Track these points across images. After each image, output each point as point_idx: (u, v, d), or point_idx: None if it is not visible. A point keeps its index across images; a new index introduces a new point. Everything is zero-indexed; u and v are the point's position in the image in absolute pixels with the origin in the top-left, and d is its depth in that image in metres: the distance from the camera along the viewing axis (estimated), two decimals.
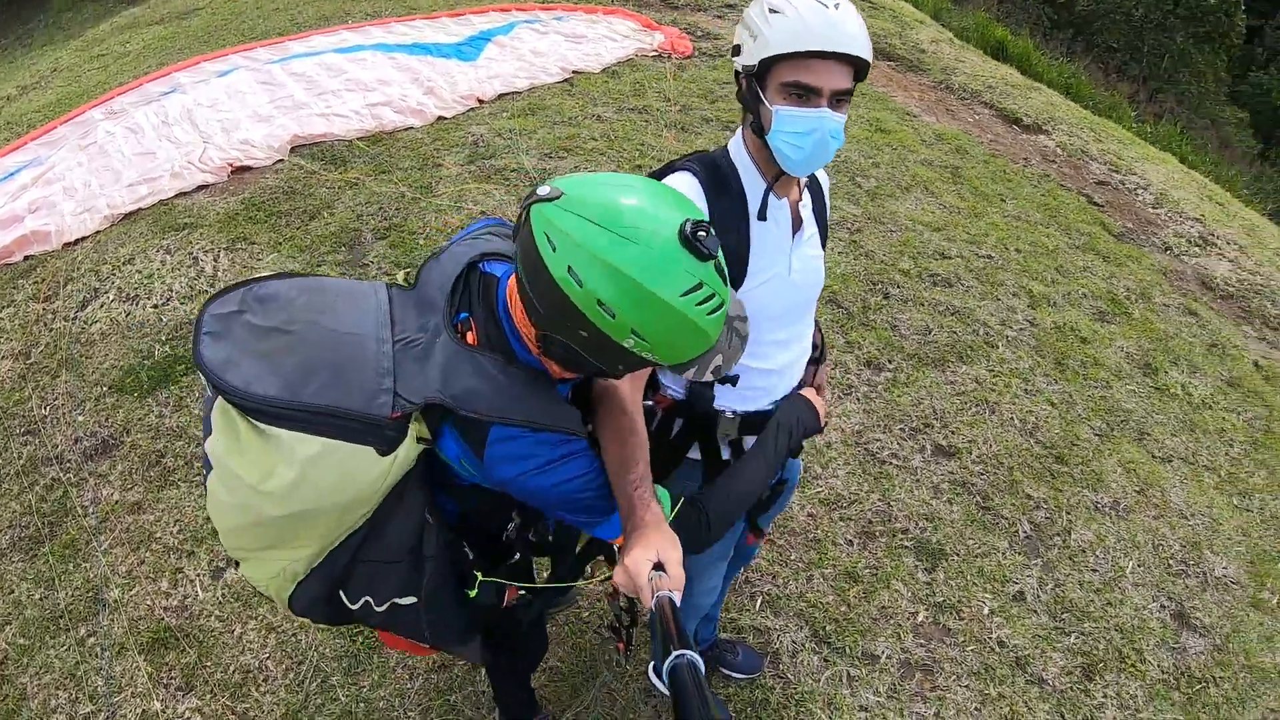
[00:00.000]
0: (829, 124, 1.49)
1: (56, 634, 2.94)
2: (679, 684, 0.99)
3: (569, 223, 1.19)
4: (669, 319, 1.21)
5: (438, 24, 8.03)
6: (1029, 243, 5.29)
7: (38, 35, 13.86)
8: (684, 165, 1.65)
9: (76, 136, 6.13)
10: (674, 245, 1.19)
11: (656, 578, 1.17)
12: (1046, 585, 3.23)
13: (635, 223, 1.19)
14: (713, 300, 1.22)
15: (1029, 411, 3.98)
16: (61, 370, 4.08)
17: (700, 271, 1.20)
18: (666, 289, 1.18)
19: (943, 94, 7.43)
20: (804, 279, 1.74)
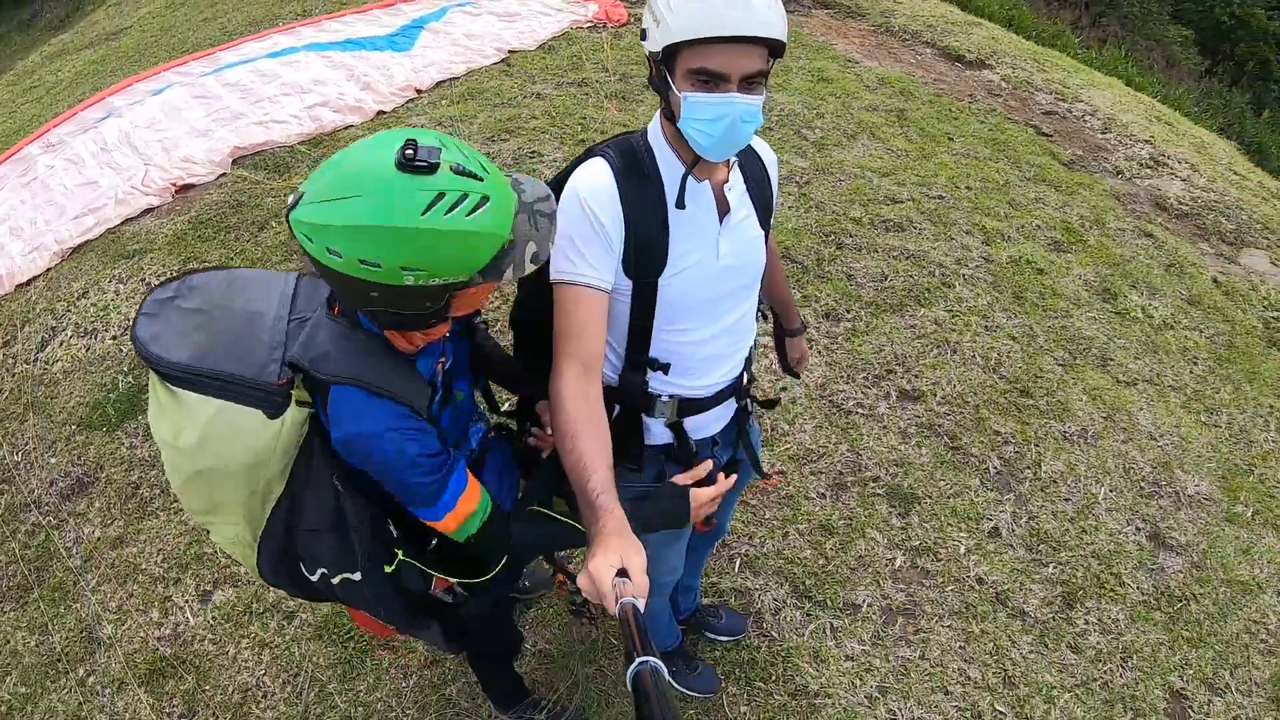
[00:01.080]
0: (739, 108, 1.44)
1: (56, 678, 2.97)
2: (641, 690, 1.00)
3: (311, 214, 1.25)
4: (425, 241, 1.24)
5: (369, 17, 7.91)
6: (979, 179, 5.32)
7: None
8: (599, 151, 1.63)
9: (16, 175, 6.03)
10: (393, 176, 1.22)
11: (620, 584, 1.18)
12: (1020, 519, 3.30)
13: (356, 178, 1.23)
14: (465, 201, 1.25)
15: (990, 348, 4.04)
16: (28, 414, 4.06)
17: (431, 184, 1.23)
18: (402, 217, 1.22)
19: (883, 37, 7.40)
20: (735, 263, 1.69)
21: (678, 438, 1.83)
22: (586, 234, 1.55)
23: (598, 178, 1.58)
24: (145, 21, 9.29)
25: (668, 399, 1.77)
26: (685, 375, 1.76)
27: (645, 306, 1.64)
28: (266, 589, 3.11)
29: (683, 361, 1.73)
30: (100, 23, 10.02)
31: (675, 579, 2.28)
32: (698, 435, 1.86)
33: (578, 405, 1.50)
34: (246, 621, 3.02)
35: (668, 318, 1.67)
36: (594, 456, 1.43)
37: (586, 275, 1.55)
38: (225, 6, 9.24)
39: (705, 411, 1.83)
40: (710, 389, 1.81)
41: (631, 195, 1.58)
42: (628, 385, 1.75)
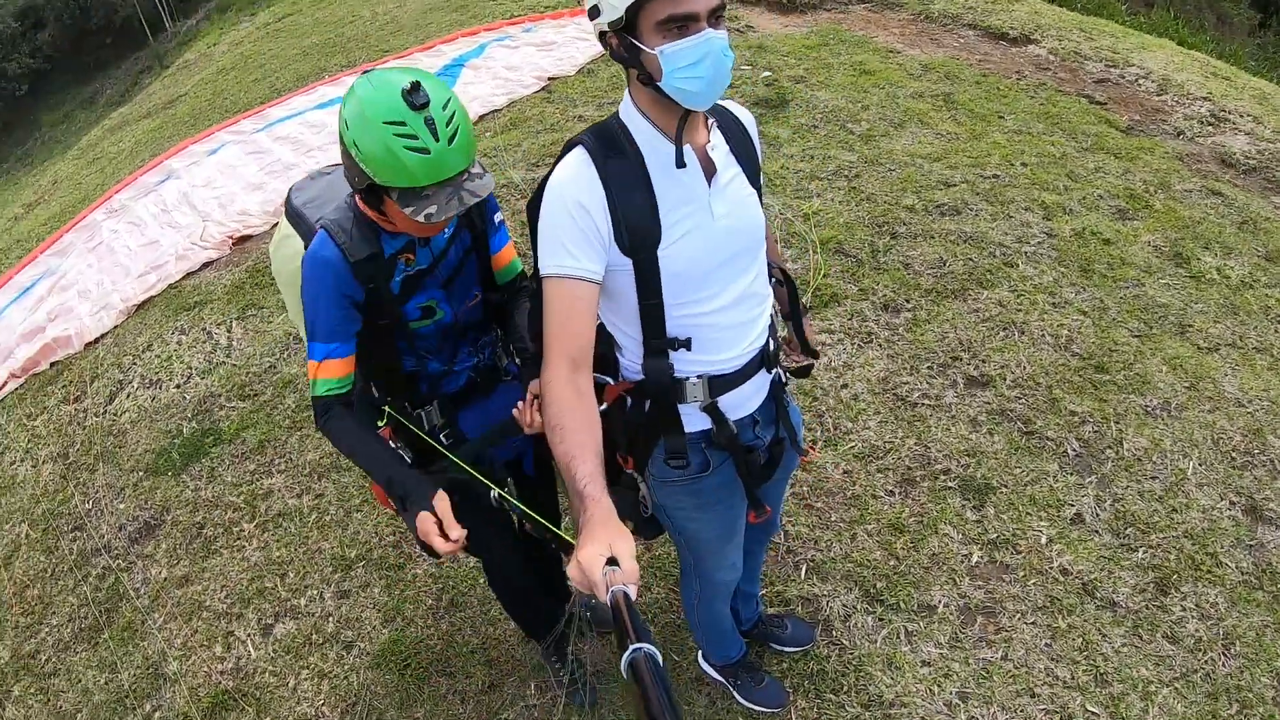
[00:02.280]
0: (717, 43, 1.41)
1: (124, 714, 3.01)
2: (637, 676, 0.98)
3: (358, 83, 1.67)
4: (372, 138, 1.60)
5: (410, 61, 8.09)
6: (1035, 155, 5.09)
7: (36, 152, 14.39)
8: (579, 140, 1.60)
9: (83, 241, 6.32)
10: (394, 95, 1.60)
11: (610, 572, 1.16)
12: (1105, 502, 3.07)
13: (383, 78, 1.64)
14: (414, 140, 1.60)
15: (1060, 325, 3.81)
16: (99, 464, 4.18)
17: (408, 116, 1.59)
18: (375, 114, 1.60)
19: (923, 24, 7.21)
20: (735, 223, 1.64)
21: (715, 421, 1.75)
22: (566, 225, 1.53)
23: (574, 165, 1.57)
24: (198, 88, 9.72)
25: (697, 380, 1.70)
26: (709, 350, 1.68)
27: (650, 283, 1.58)
28: (326, 620, 3.10)
29: (703, 334, 1.66)
30: (157, 93, 10.53)
31: (737, 577, 2.17)
32: (736, 415, 1.78)
33: (567, 398, 1.49)
34: (306, 652, 3.00)
35: (677, 290, 1.60)
36: (582, 447, 1.42)
37: (568, 266, 1.53)
38: (272, 67, 9.62)
39: (739, 387, 1.75)
40: (738, 361, 1.72)
41: (613, 172, 1.54)
42: (654, 374, 1.68)
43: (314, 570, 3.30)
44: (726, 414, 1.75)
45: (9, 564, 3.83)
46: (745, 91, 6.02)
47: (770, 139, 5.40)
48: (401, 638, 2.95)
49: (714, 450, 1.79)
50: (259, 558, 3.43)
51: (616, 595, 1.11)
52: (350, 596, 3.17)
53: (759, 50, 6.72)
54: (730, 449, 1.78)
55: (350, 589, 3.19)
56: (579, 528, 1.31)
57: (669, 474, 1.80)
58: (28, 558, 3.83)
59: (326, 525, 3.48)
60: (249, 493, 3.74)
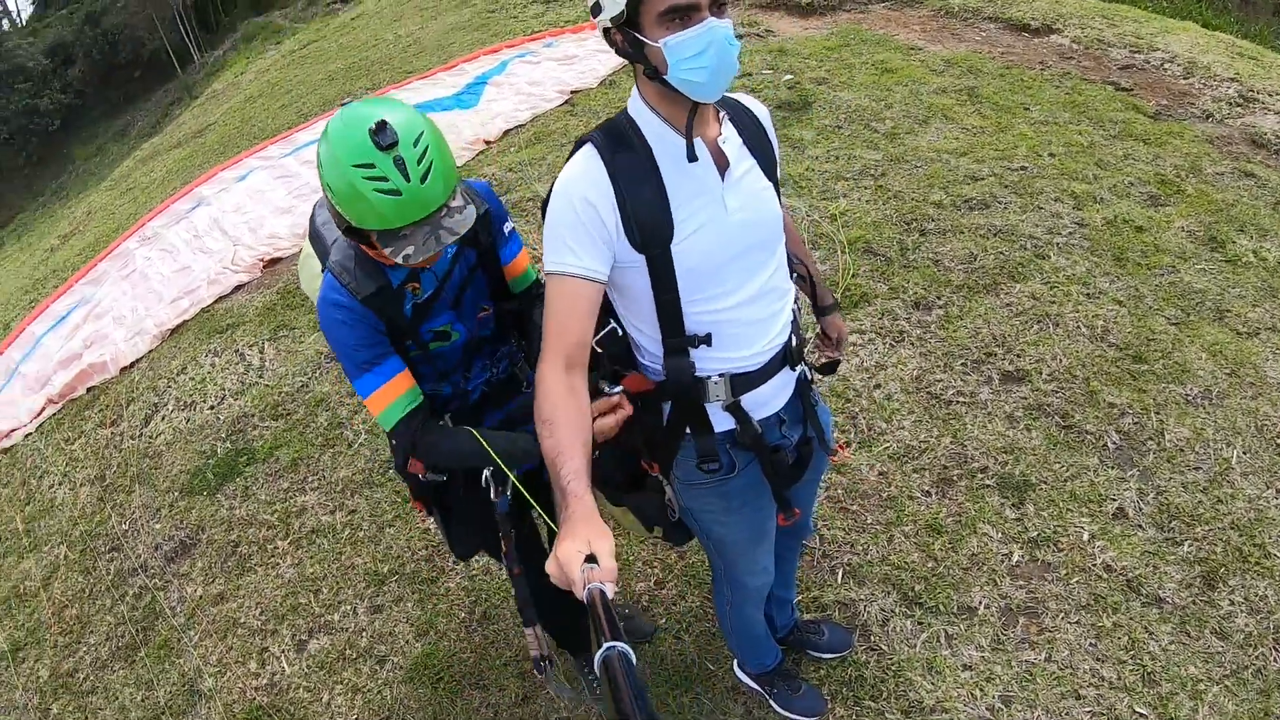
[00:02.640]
0: (720, 32, 1.39)
1: None
2: (610, 674, 0.98)
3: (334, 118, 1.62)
4: (343, 181, 1.57)
5: (434, 80, 8.18)
6: (1062, 145, 4.99)
7: (70, 185, 14.75)
8: (587, 137, 1.58)
9: (117, 269, 6.44)
10: (364, 130, 1.55)
11: (588, 570, 1.16)
12: (1147, 495, 2.97)
13: (353, 114, 1.59)
14: (384, 183, 1.55)
15: (1095, 315, 3.72)
16: (135, 485, 4.24)
17: (376, 156, 1.55)
18: (343, 155, 1.56)
19: (944, 20, 7.14)
20: (750, 217, 1.61)
21: (739, 420, 1.72)
22: (572, 224, 1.52)
23: (582, 162, 1.55)
24: (227, 116, 9.89)
25: (718, 378, 1.67)
26: (730, 346, 1.65)
27: (665, 279, 1.56)
28: (359, 635, 3.10)
29: (722, 330, 1.63)
30: (187, 123, 10.74)
31: (769, 581, 2.13)
32: (760, 414, 1.75)
33: (559, 394, 1.47)
34: (340, 668, 3.00)
35: (693, 285, 1.57)
36: (570, 444, 1.41)
37: (571, 265, 1.52)
38: (298, 93, 9.77)
39: (761, 385, 1.71)
40: (759, 358, 1.69)
41: (622, 168, 1.52)
42: (675, 373, 1.65)
43: (347, 586, 3.31)
44: (750, 413, 1.72)
45: (48, 584, 3.89)
46: (768, 95, 5.99)
47: (794, 141, 5.37)
48: (434, 651, 2.94)
49: (739, 451, 1.76)
50: (293, 574, 3.44)
51: (593, 592, 1.11)
52: (383, 611, 3.16)
53: (780, 54, 6.70)
54: (755, 449, 1.75)
55: (383, 603, 3.19)
56: (560, 524, 1.30)
57: (695, 476, 1.77)
58: (66, 578, 3.88)
59: (359, 541, 3.48)
60: (283, 510, 3.76)
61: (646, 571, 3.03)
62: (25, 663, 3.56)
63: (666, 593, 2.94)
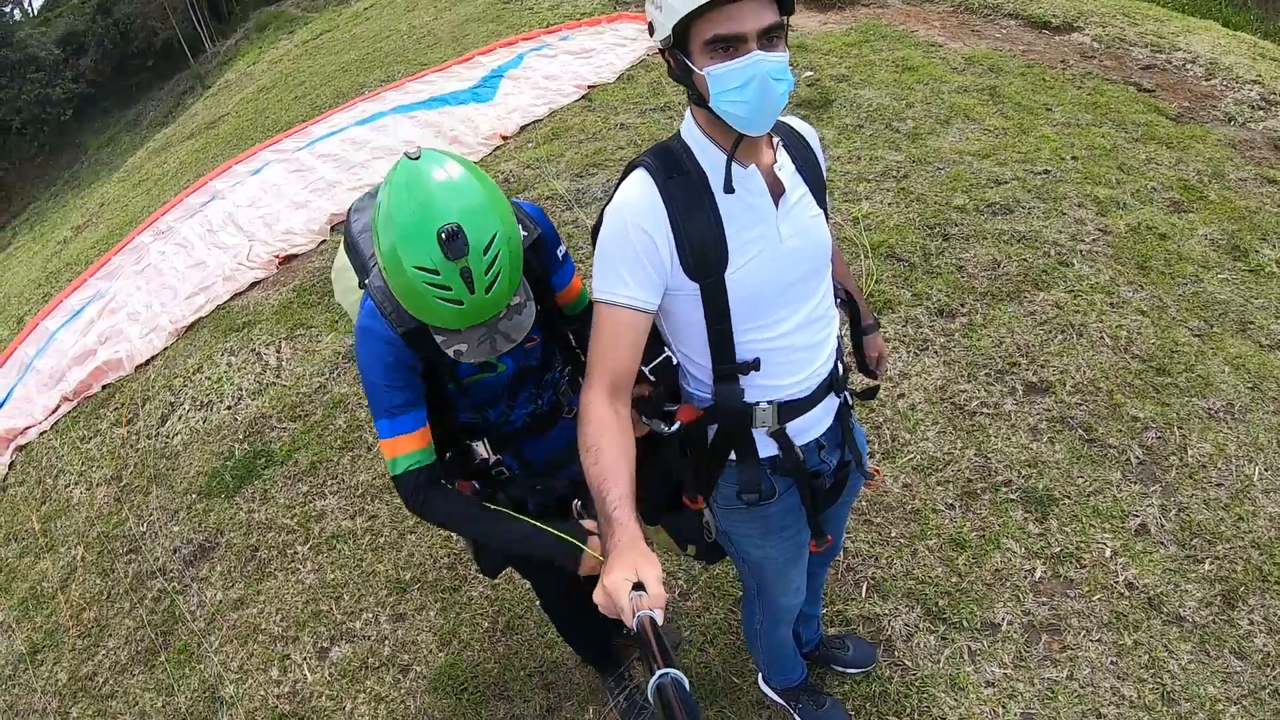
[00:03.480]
0: (766, 65, 1.37)
1: None
2: (664, 702, 0.99)
3: (397, 184, 1.51)
4: (402, 277, 1.50)
5: (449, 73, 8.13)
6: (1085, 147, 4.95)
7: (83, 175, 14.73)
8: (638, 161, 1.57)
9: (131, 263, 6.43)
10: (433, 234, 1.45)
11: (636, 598, 1.17)
12: (1170, 512, 2.96)
13: (425, 202, 1.48)
14: (446, 291, 1.49)
15: (1119, 326, 3.69)
16: (152, 486, 4.24)
17: (442, 264, 1.46)
18: (407, 256, 1.48)
19: (964, 16, 7.07)
20: (801, 244, 1.60)
21: (782, 447, 1.72)
22: (624, 253, 1.51)
23: (636, 188, 1.53)
24: (240, 108, 9.86)
25: (767, 406, 1.66)
26: (778, 374, 1.65)
27: (718, 307, 1.55)
28: (382, 643, 3.10)
29: (772, 358, 1.62)
30: (199, 114, 10.71)
31: (800, 601, 2.13)
32: (802, 440, 1.75)
33: (604, 421, 1.48)
34: (363, 676, 3.01)
35: (745, 314, 1.57)
36: (614, 471, 1.41)
37: (620, 295, 1.51)
38: (312, 84, 9.73)
39: (807, 412, 1.71)
40: (807, 385, 1.69)
41: (676, 195, 1.51)
42: (724, 400, 1.65)
43: (369, 593, 3.31)
44: (793, 439, 1.72)
45: (65, 586, 3.90)
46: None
47: None
48: (458, 661, 2.94)
49: (779, 476, 1.76)
50: (314, 580, 3.45)
51: (643, 620, 1.12)
52: (406, 619, 3.16)
53: (799, 50, 6.64)
54: (795, 475, 1.75)
55: (406, 611, 3.19)
56: (606, 551, 1.31)
57: (734, 501, 1.77)
58: (84, 580, 3.89)
59: (380, 547, 3.48)
60: (302, 514, 3.76)
61: (671, 583, 3.02)
62: (44, 665, 3.58)
63: (691, 604, 2.94)
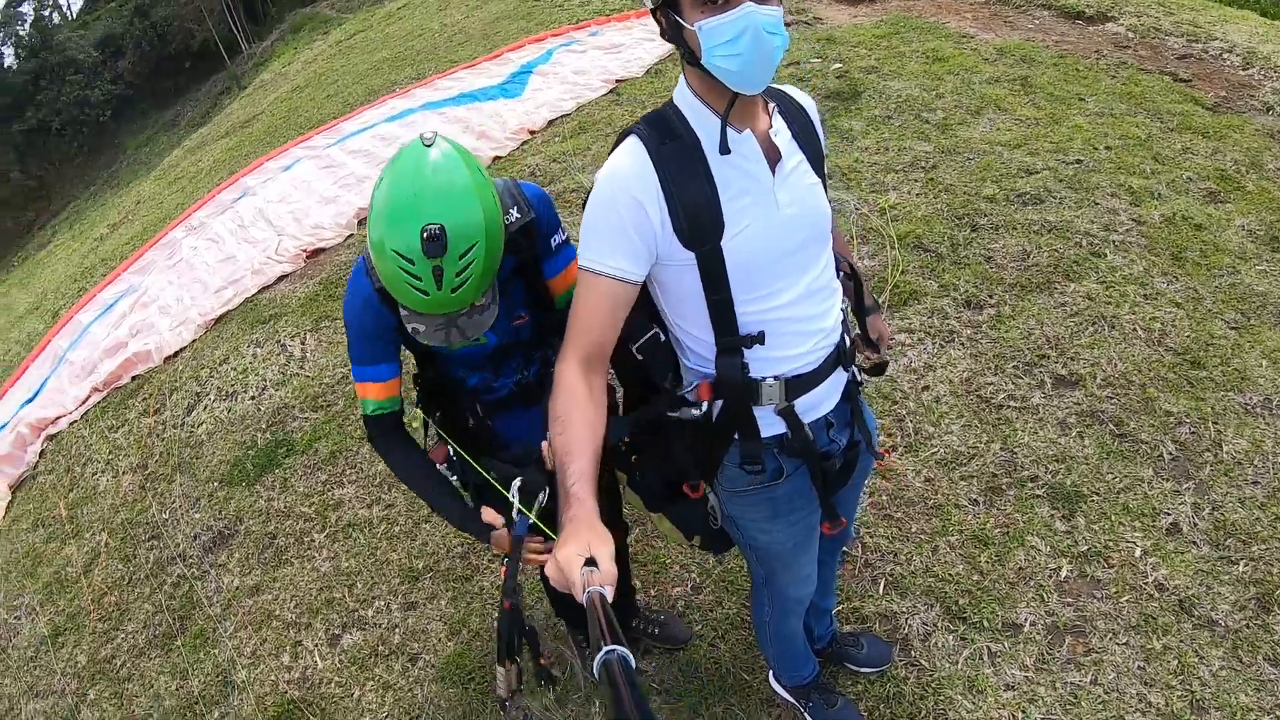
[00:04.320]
0: (758, 18, 1.31)
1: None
2: (610, 679, 0.98)
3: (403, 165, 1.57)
4: (380, 251, 1.57)
5: (479, 69, 8.17)
6: (1119, 137, 4.80)
7: (122, 174, 15.04)
8: (631, 129, 1.52)
9: (164, 258, 6.54)
10: (417, 229, 1.51)
11: (588, 573, 1.15)
12: (1203, 510, 2.84)
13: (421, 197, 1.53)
14: (417, 280, 1.55)
15: (1153, 318, 3.57)
16: (176, 474, 4.30)
17: (418, 257, 1.52)
18: (389, 238, 1.54)
19: (996, 7, 6.93)
20: (799, 212, 1.54)
21: (790, 425, 1.66)
22: (610, 221, 1.47)
23: (627, 155, 1.49)
24: (274, 106, 9.99)
25: (773, 381, 1.61)
26: (782, 346, 1.59)
27: (716, 276, 1.50)
28: (392, 631, 3.09)
29: (775, 329, 1.57)
30: (235, 113, 10.87)
31: (811, 591, 2.06)
32: (810, 417, 1.68)
33: (577, 391, 1.45)
34: (372, 664, 3.00)
35: (744, 284, 1.52)
36: (581, 443, 1.38)
37: (603, 264, 1.48)
38: (344, 82, 9.83)
39: (815, 387, 1.65)
40: (813, 360, 1.63)
41: (668, 160, 1.46)
42: (726, 374, 1.60)
43: (382, 581, 3.30)
44: (801, 417, 1.66)
45: (89, 571, 3.97)
46: (816, 84, 5.86)
47: (844, 131, 5.25)
48: (466, 650, 2.92)
49: (787, 456, 1.70)
50: (328, 568, 3.45)
51: (593, 595, 1.11)
52: (417, 608, 3.15)
53: (829, 42, 6.56)
54: (805, 454, 1.69)
55: (417, 600, 3.18)
56: (561, 525, 1.28)
57: (740, 483, 1.72)
58: (107, 565, 3.95)
59: (395, 536, 3.48)
60: (320, 503, 3.77)
61: (683, 575, 2.98)
62: (64, 648, 3.64)
63: (703, 598, 2.88)
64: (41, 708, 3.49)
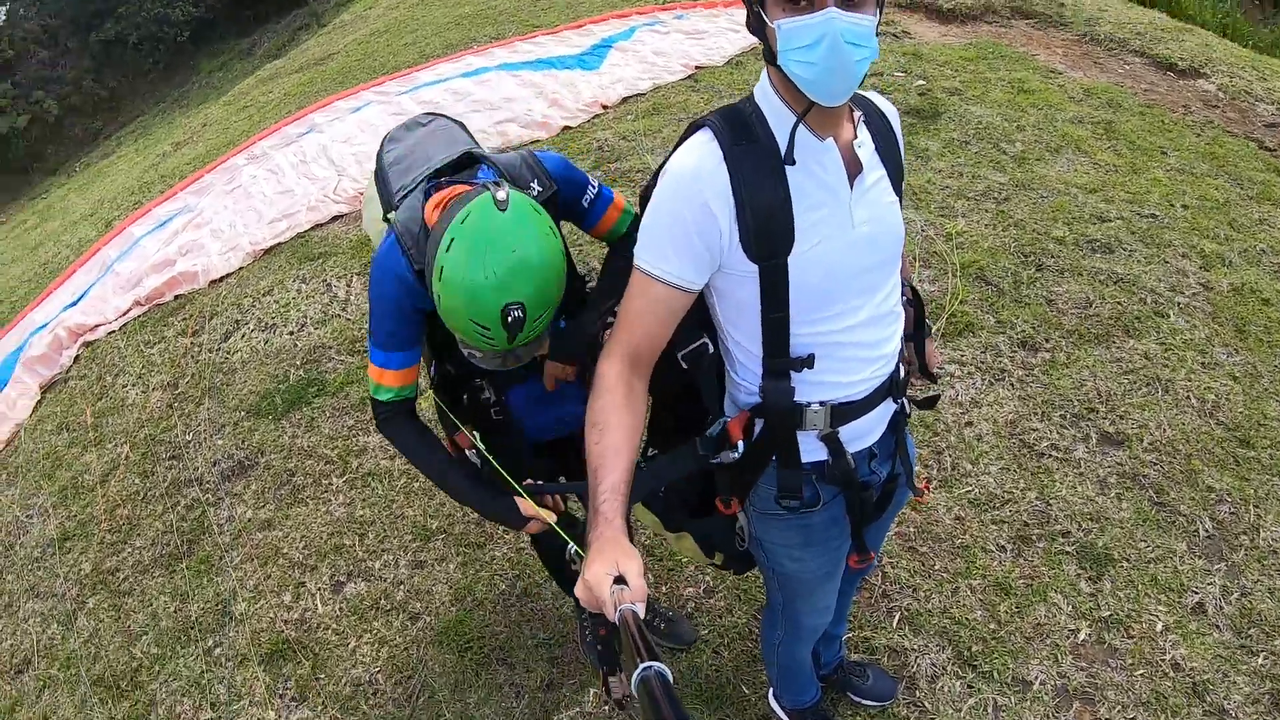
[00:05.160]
0: (839, 25, 1.22)
1: (186, 645, 3.11)
2: (648, 696, 0.97)
3: (478, 228, 1.50)
4: (454, 314, 1.55)
5: (560, 37, 8.10)
6: (1196, 197, 4.66)
7: (192, 95, 15.18)
8: (704, 121, 1.43)
9: (222, 183, 6.57)
10: (497, 306, 1.51)
11: (618, 591, 1.15)
12: (1231, 595, 2.74)
13: (503, 278, 1.50)
14: (489, 339, 1.56)
15: (1207, 388, 3.45)
16: (205, 398, 4.32)
17: (494, 327, 1.53)
18: (468, 309, 1.52)
19: (1088, 46, 6.75)
20: (875, 231, 1.45)
21: (833, 453, 1.58)
22: (675, 225, 1.39)
23: (697, 152, 1.40)
24: (351, 48, 9.99)
25: (819, 407, 1.53)
26: (834, 372, 1.51)
27: (777, 294, 1.42)
28: (397, 587, 3.09)
29: (830, 354, 1.49)
30: (311, 49, 10.89)
31: (826, 622, 2.01)
32: (855, 447, 1.61)
33: (618, 395, 1.39)
34: (372, 617, 3.00)
35: (805, 304, 1.43)
36: (616, 455, 1.34)
37: (663, 270, 1.41)
38: (424, 33, 9.80)
39: (862, 417, 1.58)
40: (865, 387, 1.55)
41: (741, 162, 1.37)
42: (772, 398, 1.52)
43: (394, 535, 3.30)
44: (846, 445, 1.58)
45: (105, 481, 4.01)
46: (897, 99, 5.74)
47: (918, 150, 5.15)
48: (469, 618, 2.91)
49: (825, 485, 1.63)
50: (342, 514, 3.46)
51: (625, 614, 1.11)
52: (425, 568, 3.15)
53: (914, 58, 6.43)
54: (845, 484, 1.61)
55: (426, 560, 3.18)
56: (588, 543, 1.25)
57: (774, 507, 1.65)
58: (124, 478, 3.99)
59: (413, 492, 3.47)
60: (343, 448, 3.78)
61: (697, 576, 2.94)
62: (71, 554, 3.69)
63: (715, 603, 2.84)
64: (40, 609, 3.55)
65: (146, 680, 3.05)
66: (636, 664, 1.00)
